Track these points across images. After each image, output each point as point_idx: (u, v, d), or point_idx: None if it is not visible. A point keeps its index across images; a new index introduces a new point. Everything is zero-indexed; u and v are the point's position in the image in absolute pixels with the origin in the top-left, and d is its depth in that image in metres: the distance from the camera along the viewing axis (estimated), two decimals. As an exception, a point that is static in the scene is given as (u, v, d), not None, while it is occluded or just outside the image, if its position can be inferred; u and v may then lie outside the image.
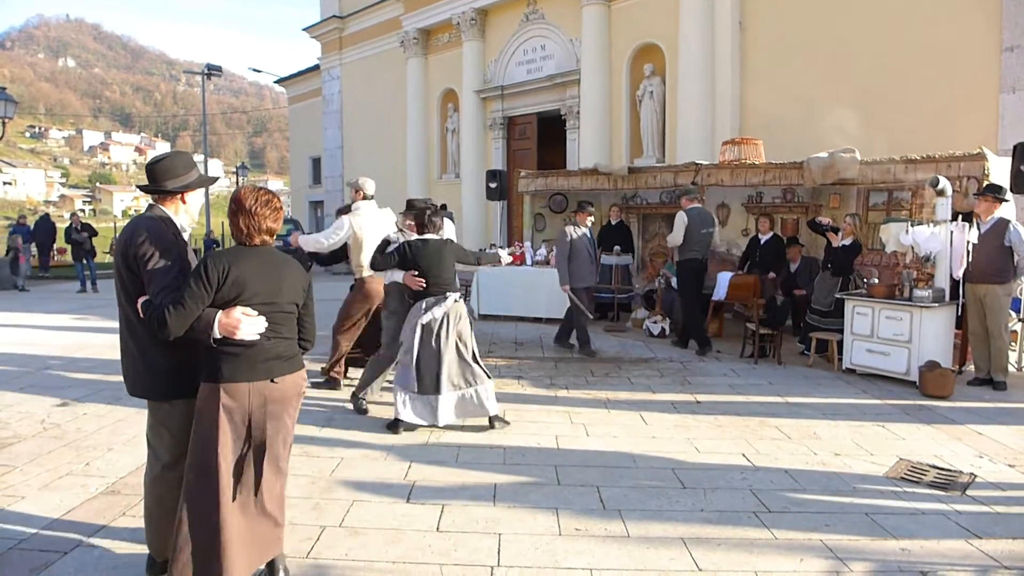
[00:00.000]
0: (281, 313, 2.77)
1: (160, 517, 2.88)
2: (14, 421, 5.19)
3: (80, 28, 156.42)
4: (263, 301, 2.70)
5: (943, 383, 6.06)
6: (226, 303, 2.64)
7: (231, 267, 2.64)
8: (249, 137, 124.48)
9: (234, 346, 2.64)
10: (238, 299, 2.65)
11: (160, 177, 2.88)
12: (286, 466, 2.89)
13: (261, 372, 2.69)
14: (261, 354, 2.69)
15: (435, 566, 3.08)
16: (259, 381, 2.69)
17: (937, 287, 6.48)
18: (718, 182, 8.92)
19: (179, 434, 2.83)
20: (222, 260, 2.65)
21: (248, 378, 2.67)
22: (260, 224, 2.75)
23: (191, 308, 2.58)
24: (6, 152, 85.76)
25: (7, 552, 3.14)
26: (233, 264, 2.66)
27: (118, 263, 2.82)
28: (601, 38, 13.59)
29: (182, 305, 2.56)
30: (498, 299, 10.43)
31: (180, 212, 2.94)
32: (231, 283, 2.63)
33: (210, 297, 2.61)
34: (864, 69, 10.06)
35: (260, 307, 2.69)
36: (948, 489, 3.99)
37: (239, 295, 2.65)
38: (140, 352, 2.82)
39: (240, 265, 2.67)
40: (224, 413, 2.63)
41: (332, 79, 22.21)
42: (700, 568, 3.09)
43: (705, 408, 5.71)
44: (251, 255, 2.73)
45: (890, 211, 8.16)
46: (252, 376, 2.67)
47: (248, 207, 2.73)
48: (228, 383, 2.64)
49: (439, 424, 4.91)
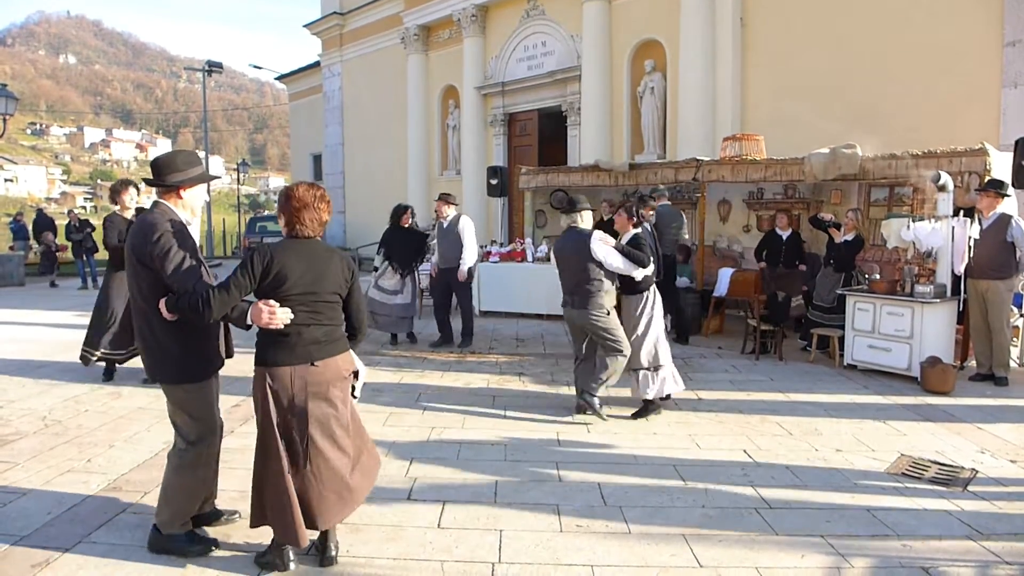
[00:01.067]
0: (322, 302, 2.94)
1: (176, 489, 3.10)
2: (15, 418, 5.20)
3: (81, 25, 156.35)
4: (303, 291, 2.88)
5: (945, 379, 6.05)
6: (268, 292, 2.85)
7: (274, 259, 2.84)
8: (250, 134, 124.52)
9: (277, 333, 2.85)
10: (280, 289, 2.84)
11: (160, 172, 3.06)
12: (347, 444, 3.03)
13: (301, 356, 2.89)
14: (301, 339, 2.89)
15: (436, 563, 3.08)
16: (299, 365, 2.88)
17: (939, 283, 6.47)
18: (719, 178, 8.91)
19: (198, 415, 3.09)
20: (267, 253, 2.86)
21: (289, 362, 2.88)
22: (321, 217, 2.97)
23: (234, 294, 2.83)
24: (7, 149, 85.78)
25: (10, 548, 3.14)
26: (276, 256, 2.85)
27: (131, 260, 2.98)
28: (602, 34, 13.55)
29: (227, 291, 2.81)
30: (499, 296, 10.42)
31: (178, 206, 3.09)
32: (274, 274, 2.83)
33: (253, 286, 2.85)
34: (865, 64, 10.03)
35: (300, 296, 2.87)
36: (950, 485, 3.99)
37: (281, 285, 2.84)
38: (155, 341, 3.01)
39: (283, 257, 2.86)
40: (271, 394, 2.87)
41: (333, 76, 22.18)
42: (701, 564, 3.09)
43: (706, 405, 5.71)
44: (296, 248, 2.92)
45: (891, 207, 8.16)
46: (292, 360, 2.88)
47: (308, 202, 2.93)
48: (272, 367, 2.88)
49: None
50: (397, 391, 6.10)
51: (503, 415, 5.39)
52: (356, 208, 21.86)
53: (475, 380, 6.54)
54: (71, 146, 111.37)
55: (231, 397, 5.55)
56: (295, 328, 2.87)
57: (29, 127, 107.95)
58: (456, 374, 6.79)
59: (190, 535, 3.14)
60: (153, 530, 3.14)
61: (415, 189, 18.09)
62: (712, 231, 9.93)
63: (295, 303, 2.87)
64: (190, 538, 3.13)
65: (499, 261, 10.66)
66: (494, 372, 6.89)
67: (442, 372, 6.88)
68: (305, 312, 2.89)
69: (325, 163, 23.19)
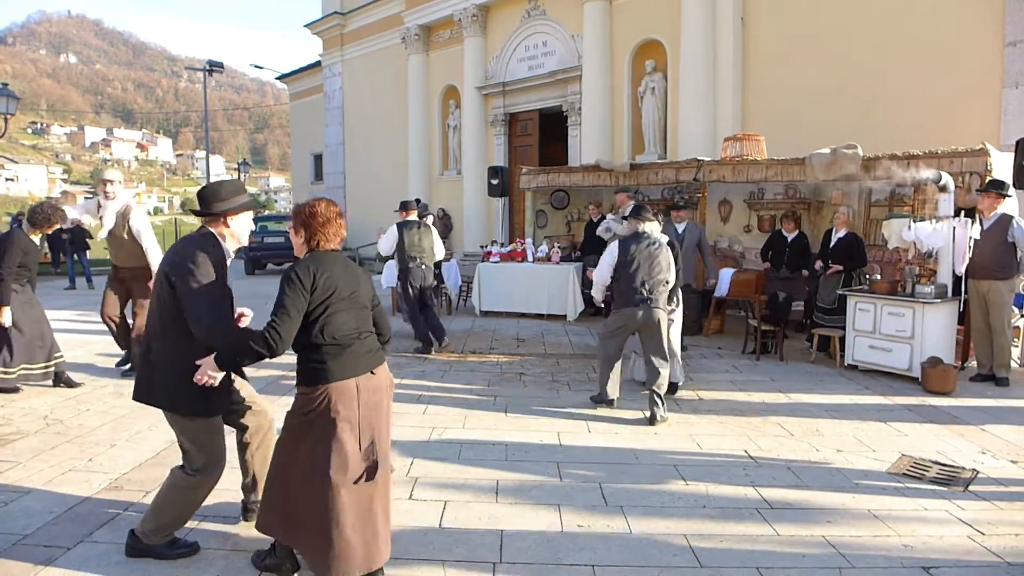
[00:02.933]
0: (365, 310, 2.96)
1: (169, 504, 3.08)
2: (17, 417, 5.20)
3: (82, 24, 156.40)
4: (350, 300, 2.88)
5: (945, 379, 6.05)
6: (320, 303, 2.79)
7: (319, 270, 2.80)
8: (251, 133, 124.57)
9: (334, 345, 2.80)
10: (330, 298, 2.80)
11: (206, 201, 3.05)
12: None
13: (363, 366, 2.86)
14: (360, 349, 2.86)
15: (438, 562, 3.09)
16: (362, 375, 2.84)
17: (939, 283, 6.47)
18: (720, 178, 8.91)
19: (205, 444, 3.04)
20: (308, 266, 2.81)
21: (354, 373, 2.82)
22: (341, 232, 2.97)
23: (295, 317, 2.75)
24: (8, 148, 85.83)
25: (11, 547, 3.15)
26: (320, 268, 2.81)
27: (163, 283, 2.93)
28: (603, 34, 13.55)
29: (287, 315, 2.73)
30: (499, 296, 10.42)
31: (226, 236, 3.08)
32: (323, 285, 2.79)
33: (307, 300, 2.77)
34: (866, 64, 10.03)
35: (349, 304, 2.86)
36: (951, 485, 3.99)
37: (331, 295, 2.80)
38: (167, 369, 2.95)
39: (325, 268, 2.83)
40: (339, 411, 2.77)
41: (333, 75, 22.18)
42: (702, 564, 3.09)
43: (707, 405, 5.72)
44: (331, 259, 2.90)
45: (892, 207, 8.15)
46: (356, 371, 2.83)
47: (331, 217, 2.92)
48: (338, 381, 2.78)
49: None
50: (398, 391, 6.09)
51: (504, 415, 5.40)
52: (357, 208, 21.85)
53: (476, 380, 6.54)
54: (72, 145, 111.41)
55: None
56: (354, 338, 2.85)
57: (30, 126, 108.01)
58: (457, 374, 6.80)
59: (171, 542, 3.10)
60: (131, 535, 3.10)
61: (416, 189, 18.07)
62: (713, 231, 9.93)
63: (346, 310, 2.85)
64: (170, 544, 3.09)
65: (499, 261, 10.67)
66: (495, 372, 6.89)
67: (443, 372, 6.88)
68: (358, 319, 2.90)
69: (326, 163, 23.18)
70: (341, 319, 2.82)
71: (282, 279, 2.80)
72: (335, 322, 2.81)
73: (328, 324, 2.80)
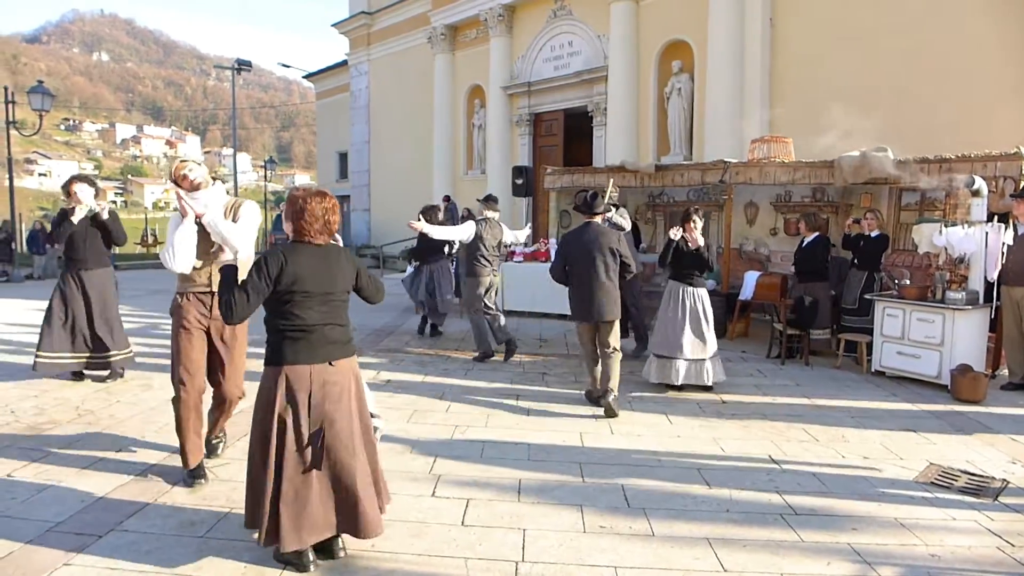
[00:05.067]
0: (338, 302, 3.04)
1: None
2: (50, 407, 5.32)
3: (114, 23, 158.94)
4: (320, 291, 2.96)
5: (976, 387, 5.95)
6: (284, 293, 2.91)
7: (288, 260, 2.91)
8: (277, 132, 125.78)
9: (295, 331, 2.93)
10: (293, 290, 2.91)
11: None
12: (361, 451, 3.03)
13: (320, 356, 2.95)
14: (321, 340, 2.96)
15: (460, 560, 3.10)
16: (319, 364, 2.94)
17: (971, 289, 6.36)
18: (746, 180, 8.83)
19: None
20: (281, 256, 2.92)
21: (309, 360, 2.93)
22: (331, 228, 3.05)
23: (252, 297, 2.90)
24: (42, 144, 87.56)
25: (44, 535, 3.22)
26: (290, 257, 2.92)
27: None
28: (629, 34, 13.51)
29: (244, 294, 2.89)
30: (523, 295, 10.44)
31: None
32: (288, 277, 2.89)
33: (269, 287, 2.90)
34: (897, 65, 9.88)
35: (318, 296, 2.95)
36: (980, 495, 3.93)
37: (294, 286, 2.91)
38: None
39: (297, 258, 2.93)
40: (286, 393, 2.90)
41: (360, 75, 22.34)
42: (725, 568, 3.07)
43: (731, 409, 5.67)
44: (309, 250, 2.99)
45: (923, 211, 8.01)
46: (312, 359, 2.93)
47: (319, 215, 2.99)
48: (291, 365, 2.91)
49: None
50: (421, 389, 6.14)
51: (526, 414, 5.41)
52: (381, 206, 21.99)
53: (498, 379, 6.56)
54: (103, 142, 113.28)
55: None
56: (315, 328, 2.94)
57: (63, 123, 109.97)
58: (479, 372, 6.82)
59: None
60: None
61: (440, 188, 18.15)
62: (739, 234, 9.85)
63: (313, 303, 2.94)
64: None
65: (523, 261, 10.68)
66: (517, 371, 6.90)
67: (465, 370, 6.91)
68: (323, 312, 2.97)
69: (351, 161, 23.37)
70: (303, 310, 2.93)
71: (254, 262, 2.95)
72: (297, 311, 2.93)
73: (290, 312, 2.93)
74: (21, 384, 5.98)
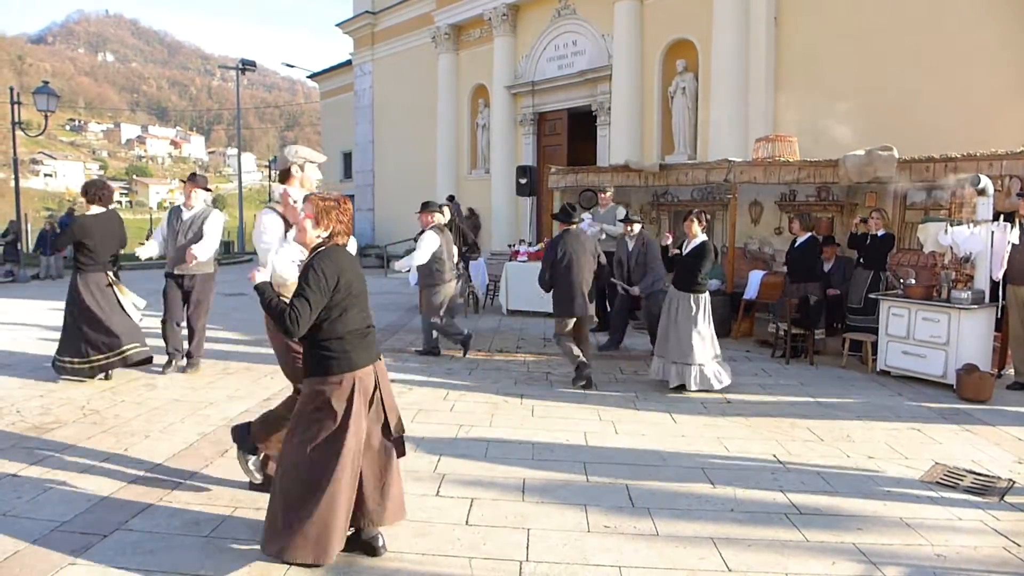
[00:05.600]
0: (367, 302, 3.14)
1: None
2: (55, 407, 5.34)
3: (119, 23, 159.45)
4: (361, 293, 3.08)
5: (981, 387, 5.93)
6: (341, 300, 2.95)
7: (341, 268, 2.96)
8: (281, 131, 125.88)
9: (356, 336, 2.99)
10: (348, 295, 2.97)
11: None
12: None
13: (375, 354, 3.09)
14: (372, 339, 3.09)
15: (464, 559, 3.10)
16: (376, 362, 3.07)
17: (976, 288, 6.33)
18: (751, 180, 8.81)
19: None
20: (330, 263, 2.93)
21: (370, 360, 3.03)
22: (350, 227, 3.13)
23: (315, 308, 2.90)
24: (47, 145, 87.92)
25: (49, 534, 3.23)
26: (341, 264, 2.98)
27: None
28: (633, 33, 13.49)
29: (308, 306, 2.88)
30: (527, 295, 10.42)
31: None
32: (344, 282, 2.95)
33: (329, 296, 2.91)
34: (902, 64, 9.85)
35: (359, 299, 3.04)
36: (985, 495, 3.91)
37: (349, 292, 2.98)
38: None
39: (344, 266, 2.99)
40: (360, 397, 2.95)
41: (364, 74, 22.37)
42: (730, 568, 3.07)
43: (735, 408, 5.66)
44: (346, 256, 3.07)
45: (928, 210, 7.99)
46: (372, 358, 3.05)
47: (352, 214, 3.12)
48: (360, 368, 2.97)
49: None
50: (425, 388, 6.14)
51: (531, 414, 5.41)
52: (385, 206, 22.02)
53: (502, 379, 6.56)
54: (108, 142, 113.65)
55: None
56: (367, 328, 3.06)
57: (68, 123, 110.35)
58: (483, 372, 6.82)
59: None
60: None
61: (444, 188, 18.15)
62: (743, 233, 9.83)
63: (360, 304, 3.04)
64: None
65: (527, 261, 10.67)
66: (521, 371, 6.90)
67: (470, 370, 6.91)
68: (365, 313, 3.08)
69: (355, 161, 23.40)
70: (355, 313, 3.01)
71: (306, 269, 2.92)
72: (350, 316, 2.98)
73: (344, 318, 2.96)
74: (28, 384, 6.01)
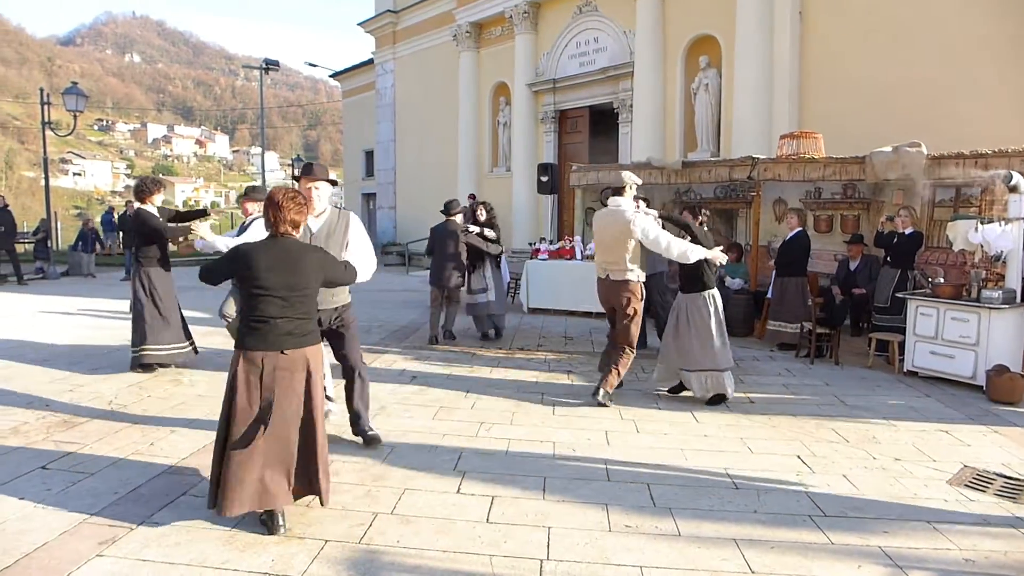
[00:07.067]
0: (296, 296, 3.31)
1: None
2: (84, 401, 5.43)
3: (145, 25, 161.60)
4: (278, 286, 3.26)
5: (1012, 388, 5.80)
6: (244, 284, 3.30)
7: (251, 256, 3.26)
8: (304, 130, 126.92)
9: (253, 322, 3.27)
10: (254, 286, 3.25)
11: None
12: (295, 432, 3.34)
13: (273, 344, 3.28)
14: (274, 330, 3.28)
15: (485, 557, 3.10)
16: (271, 351, 3.27)
17: (1008, 288, 6.20)
18: (775, 177, 8.71)
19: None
20: (245, 251, 3.30)
21: (263, 348, 3.26)
22: (285, 216, 3.34)
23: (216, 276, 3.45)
24: (76, 144, 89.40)
25: (77, 526, 3.29)
26: (252, 254, 3.28)
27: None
28: (655, 30, 13.39)
29: (210, 272, 3.44)
30: (548, 293, 10.43)
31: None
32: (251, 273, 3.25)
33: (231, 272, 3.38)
34: (930, 59, 9.66)
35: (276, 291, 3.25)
36: (1016, 499, 3.83)
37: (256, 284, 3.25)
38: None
39: (258, 255, 3.27)
40: (243, 373, 3.25)
41: (385, 73, 22.46)
42: (753, 570, 3.03)
43: (759, 408, 5.60)
44: (271, 246, 3.32)
45: (958, 208, 7.84)
46: (266, 347, 3.27)
47: (283, 205, 3.34)
48: (249, 351, 3.28)
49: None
50: (446, 385, 6.16)
51: (552, 412, 5.39)
52: (407, 204, 22.09)
53: (524, 376, 6.55)
54: (135, 141, 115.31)
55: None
56: (269, 319, 3.26)
57: (96, 123, 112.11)
58: (505, 370, 6.82)
59: None
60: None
61: (465, 186, 18.17)
62: (767, 231, 9.72)
63: (269, 298, 3.25)
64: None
65: (548, 259, 10.66)
66: (543, 369, 6.89)
67: (491, 368, 6.91)
68: (279, 305, 3.27)
69: (377, 159, 23.50)
70: (262, 303, 3.25)
71: (231, 248, 3.40)
72: (256, 304, 3.26)
73: (250, 304, 3.28)
74: (57, 378, 6.12)
